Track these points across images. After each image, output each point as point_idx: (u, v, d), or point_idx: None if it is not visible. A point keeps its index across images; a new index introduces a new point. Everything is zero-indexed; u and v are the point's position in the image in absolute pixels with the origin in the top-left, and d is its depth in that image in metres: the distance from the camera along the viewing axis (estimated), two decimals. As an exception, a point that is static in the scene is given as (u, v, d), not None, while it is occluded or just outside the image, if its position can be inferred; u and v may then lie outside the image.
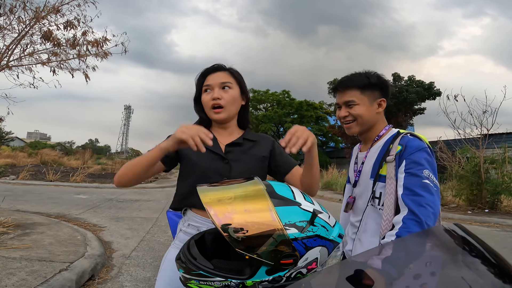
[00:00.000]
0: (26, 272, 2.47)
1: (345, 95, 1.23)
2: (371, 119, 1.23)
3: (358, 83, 1.21)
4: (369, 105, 1.21)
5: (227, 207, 0.69)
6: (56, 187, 9.95)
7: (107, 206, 6.74)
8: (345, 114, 1.24)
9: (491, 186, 7.50)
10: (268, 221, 0.67)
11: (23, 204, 6.13)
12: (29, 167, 12.36)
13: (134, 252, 3.65)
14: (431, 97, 18.82)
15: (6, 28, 4.45)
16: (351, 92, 1.22)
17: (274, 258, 0.67)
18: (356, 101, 1.21)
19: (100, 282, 2.76)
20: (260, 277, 0.69)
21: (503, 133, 10.11)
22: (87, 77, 4.92)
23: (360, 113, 1.21)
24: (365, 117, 1.22)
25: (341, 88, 1.24)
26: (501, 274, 0.48)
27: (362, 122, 1.23)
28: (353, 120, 1.23)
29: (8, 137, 32.76)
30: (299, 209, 0.72)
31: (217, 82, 1.12)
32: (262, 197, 0.70)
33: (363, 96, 1.21)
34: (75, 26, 4.68)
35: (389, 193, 1.12)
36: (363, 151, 1.32)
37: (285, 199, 0.73)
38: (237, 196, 0.72)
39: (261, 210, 0.68)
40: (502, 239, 5.06)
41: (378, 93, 1.23)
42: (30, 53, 4.68)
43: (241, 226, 0.65)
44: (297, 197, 0.76)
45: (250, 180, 0.79)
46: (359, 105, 1.21)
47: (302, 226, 0.70)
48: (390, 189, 1.12)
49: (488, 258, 0.51)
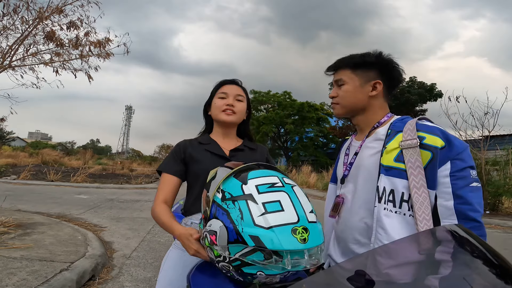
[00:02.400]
0: (26, 272, 2.48)
1: (336, 74, 1.12)
2: (358, 102, 1.07)
3: (350, 61, 1.08)
4: (359, 86, 1.06)
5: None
6: (57, 187, 9.96)
7: (108, 206, 6.74)
8: (333, 94, 1.13)
9: (493, 188, 7.48)
10: (219, 181, 0.83)
11: (24, 204, 6.14)
12: (30, 167, 12.37)
13: (135, 252, 3.65)
14: (432, 99, 18.83)
15: (9, 28, 4.47)
16: (342, 71, 1.10)
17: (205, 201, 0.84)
18: (345, 80, 1.08)
19: (100, 282, 2.76)
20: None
21: (506, 134, 10.08)
22: (90, 78, 4.93)
23: (346, 94, 1.08)
24: (349, 98, 1.08)
25: (332, 68, 1.14)
26: (502, 275, 0.48)
27: (346, 104, 1.09)
28: (337, 102, 1.11)
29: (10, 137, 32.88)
30: (239, 185, 0.79)
31: (233, 93, 1.26)
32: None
33: (354, 76, 1.07)
34: (78, 26, 4.70)
35: (419, 191, 0.88)
36: (358, 140, 1.14)
37: (242, 174, 0.82)
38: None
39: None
40: (503, 240, 5.05)
41: (374, 74, 1.06)
42: (33, 53, 4.69)
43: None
44: (261, 181, 0.80)
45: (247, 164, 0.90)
46: (347, 85, 1.08)
47: (225, 196, 0.78)
48: (418, 184, 0.88)
49: (489, 259, 0.51)
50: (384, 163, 0.96)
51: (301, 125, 24.12)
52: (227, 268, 0.77)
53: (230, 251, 0.73)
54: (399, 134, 0.97)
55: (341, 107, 1.10)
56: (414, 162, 0.89)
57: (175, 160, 1.22)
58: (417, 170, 0.89)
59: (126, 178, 13.67)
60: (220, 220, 0.75)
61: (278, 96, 25.24)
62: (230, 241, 0.73)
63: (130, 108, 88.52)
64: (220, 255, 0.76)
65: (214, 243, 0.76)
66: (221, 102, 1.24)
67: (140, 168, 20.88)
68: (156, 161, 27.66)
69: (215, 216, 0.77)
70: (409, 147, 0.91)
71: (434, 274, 0.53)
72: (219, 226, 0.75)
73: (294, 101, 24.75)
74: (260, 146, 1.37)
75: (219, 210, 0.77)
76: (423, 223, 0.86)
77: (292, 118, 24.22)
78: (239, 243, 0.71)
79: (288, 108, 24.30)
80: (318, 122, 24.89)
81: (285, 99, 25.06)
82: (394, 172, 0.93)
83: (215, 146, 1.24)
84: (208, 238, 0.78)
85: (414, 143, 0.90)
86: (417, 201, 0.88)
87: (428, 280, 0.52)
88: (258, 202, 0.74)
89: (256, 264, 0.70)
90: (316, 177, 14.13)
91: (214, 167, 1.14)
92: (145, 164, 25.49)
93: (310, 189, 12.82)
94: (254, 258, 0.70)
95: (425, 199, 0.87)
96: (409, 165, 0.90)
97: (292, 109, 24.30)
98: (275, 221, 0.71)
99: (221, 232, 0.74)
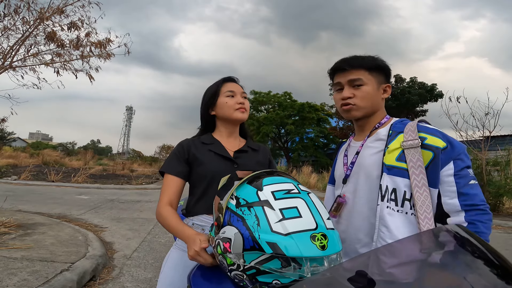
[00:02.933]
0: (27, 272, 2.48)
1: (350, 73, 1.06)
2: (375, 104, 1.07)
3: (366, 62, 1.06)
4: (376, 88, 1.06)
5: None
6: (57, 187, 9.97)
7: (109, 206, 6.74)
8: (349, 95, 1.05)
9: (494, 188, 7.47)
10: (231, 186, 0.83)
11: (24, 204, 6.14)
12: (31, 168, 12.39)
13: (135, 253, 3.66)
14: (433, 99, 18.81)
15: (10, 29, 4.47)
16: (358, 71, 1.05)
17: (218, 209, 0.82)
18: (364, 81, 1.04)
19: (101, 282, 2.76)
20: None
21: (506, 135, 10.08)
22: (91, 78, 4.94)
23: (367, 95, 1.04)
24: (369, 100, 1.05)
25: (347, 66, 1.06)
26: (503, 275, 0.48)
27: (364, 106, 1.06)
28: (355, 103, 1.06)
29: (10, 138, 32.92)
30: (254, 192, 0.77)
31: (240, 91, 1.26)
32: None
33: (371, 77, 1.05)
34: (78, 27, 4.70)
35: (420, 190, 0.90)
36: (358, 140, 1.15)
37: (256, 180, 0.80)
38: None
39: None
40: (504, 241, 5.04)
41: (383, 78, 1.08)
42: (34, 54, 4.70)
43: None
44: (277, 187, 0.78)
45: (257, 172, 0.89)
46: (367, 86, 1.05)
47: (240, 203, 0.75)
48: (420, 183, 0.90)
49: (490, 259, 0.51)
50: (387, 162, 0.97)
51: (301, 125, 24.11)
52: (240, 277, 0.74)
53: (246, 258, 0.70)
54: (400, 134, 1.00)
55: (359, 109, 1.07)
56: (415, 162, 0.91)
57: (179, 160, 1.19)
58: (418, 169, 0.91)
59: (127, 179, 13.68)
60: (235, 227, 0.73)
61: (278, 97, 25.24)
62: (246, 249, 0.70)
63: (130, 109, 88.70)
64: (233, 263, 0.73)
65: (228, 250, 0.73)
66: (233, 101, 1.23)
67: (141, 168, 20.90)
68: (156, 161, 27.66)
69: (229, 223, 0.75)
70: (410, 147, 0.93)
71: (434, 274, 0.53)
72: (234, 233, 0.73)
73: (295, 102, 24.75)
74: (262, 146, 1.36)
75: (233, 217, 0.75)
76: (424, 222, 0.88)
77: (292, 118, 24.23)
78: (255, 250, 0.69)
79: (289, 108, 24.30)
80: (318, 122, 24.89)
81: (285, 100, 25.06)
82: (396, 171, 0.95)
83: (219, 146, 1.22)
84: (222, 246, 0.76)
85: (415, 143, 0.93)
86: (419, 200, 0.90)
87: (428, 280, 0.52)
88: (275, 208, 0.72)
89: (272, 272, 0.68)
90: (316, 178, 14.12)
91: (218, 168, 1.12)
92: (146, 164, 25.50)
93: (311, 189, 12.75)
94: (271, 266, 0.68)
95: (427, 198, 0.89)
96: (410, 165, 0.92)
97: (293, 110, 24.30)
98: (293, 227, 0.69)
99: (236, 239, 0.72)
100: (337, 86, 1.11)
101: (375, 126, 1.09)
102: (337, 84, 1.10)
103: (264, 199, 0.74)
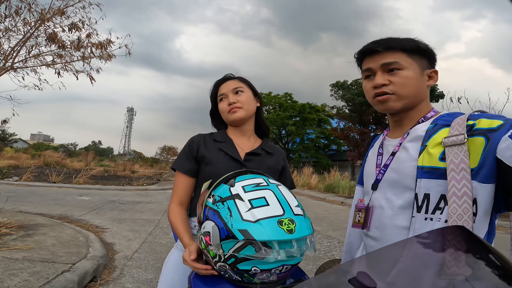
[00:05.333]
0: (28, 273, 2.48)
1: (384, 56, 0.86)
2: (420, 93, 0.87)
3: (404, 44, 0.85)
4: (420, 74, 0.86)
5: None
6: (59, 188, 9.98)
7: (110, 207, 6.75)
8: (383, 82, 0.85)
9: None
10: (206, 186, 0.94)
11: (26, 205, 6.15)
12: (32, 169, 12.42)
13: (136, 254, 3.66)
14: (434, 100, 18.78)
15: (11, 30, 4.49)
16: (394, 53, 0.85)
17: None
18: (403, 65, 0.84)
19: (102, 283, 2.76)
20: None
21: (507, 136, 10.05)
22: (92, 79, 4.95)
23: (408, 81, 0.84)
24: (412, 87, 0.85)
25: (380, 47, 0.86)
26: (505, 276, 0.48)
27: (406, 94, 0.85)
28: (393, 91, 0.85)
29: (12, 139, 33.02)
30: (227, 188, 0.85)
31: (230, 89, 1.19)
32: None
33: (412, 61, 0.85)
34: (79, 28, 4.72)
35: (459, 201, 0.71)
36: (394, 137, 0.93)
37: (231, 179, 0.88)
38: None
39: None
40: (506, 241, 5.01)
41: (426, 63, 0.88)
42: (35, 55, 4.72)
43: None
44: (247, 182, 0.85)
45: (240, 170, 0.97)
46: (406, 70, 0.84)
47: (215, 199, 0.83)
48: (460, 191, 0.71)
49: (492, 260, 0.51)
50: (425, 164, 0.79)
51: (302, 126, 24.11)
52: (224, 268, 0.79)
53: (224, 248, 0.76)
54: (443, 128, 0.80)
55: (399, 98, 0.86)
56: (458, 164, 0.72)
57: (188, 157, 1.17)
58: (461, 174, 0.71)
59: (128, 180, 13.69)
60: (212, 220, 0.80)
61: (279, 98, 25.26)
62: (222, 238, 0.76)
63: (131, 110, 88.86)
64: (215, 255, 0.79)
65: (209, 243, 0.79)
66: (224, 105, 1.19)
67: (142, 169, 20.93)
68: (157, 162, 27.71)
69: (207, 218, 0.83)
70: (453, 145, 0.74)
71: (437, 275, 0.52)
72: (211, 226, 0.80)
73: (295, 103, 24.76)
74: (278, 149, 1.28)
75: (210, 212, 0.82)
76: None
77: (293, 119, 24.23)
78: (230, 239, 0.75)
79: (289, 109, 24.31)
80: (319, 123, 24.89)
81: (286, 101, 25.07)
82: (436, 174, 0.77)
83: (230, 146, 1.18)
84: (204, 240, 0.82)
85: (460, 140, 0.73)
86: (454, 213, 0.71)
87: (431, 281, 0.52)
88: (244, 200, 0.79)
89: (249, 258, 0.73)
90: (317, 179, 14.10)
91: (225, 170, 1.11)
92: (147, 165, 25.55)
93: (312, 190, 12.79)
94: (247, 252, 0.73)
95: (466, 212, 0.70)
96: (451, 167, 0.73)
97: (293, 111, 24.30)
98: (261, 214, 0.76)
99: (214, 231, 0.78)
100: (366, 72, 0.91)
101: (418, 121, 0.88)
102: (367, 70, 0.90)
103: (235, 193, 0.82)
